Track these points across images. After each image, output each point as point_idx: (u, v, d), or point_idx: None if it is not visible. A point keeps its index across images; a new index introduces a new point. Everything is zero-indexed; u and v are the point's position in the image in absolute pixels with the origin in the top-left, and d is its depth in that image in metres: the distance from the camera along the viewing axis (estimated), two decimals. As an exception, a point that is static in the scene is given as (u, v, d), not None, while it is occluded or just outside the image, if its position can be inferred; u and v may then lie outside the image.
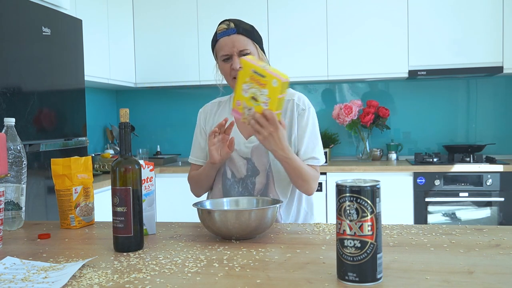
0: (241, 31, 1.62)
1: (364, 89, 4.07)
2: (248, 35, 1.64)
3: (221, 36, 1.63)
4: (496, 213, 3.31)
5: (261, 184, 1.64)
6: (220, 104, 1.78)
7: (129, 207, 1.17)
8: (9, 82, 2.21)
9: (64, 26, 2.63)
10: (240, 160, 1.66)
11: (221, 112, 1.75)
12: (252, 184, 1.65)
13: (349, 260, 0.88)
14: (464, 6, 3.55)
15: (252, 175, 1.65)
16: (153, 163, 1.39)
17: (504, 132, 3.89)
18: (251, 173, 1.65)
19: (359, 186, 0.87)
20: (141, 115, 4.34)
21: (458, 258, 1.03)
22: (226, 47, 1.62)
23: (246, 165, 1.65)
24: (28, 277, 0.94)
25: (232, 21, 1.64)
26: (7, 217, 1.43)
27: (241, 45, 1.61)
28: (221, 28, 1.64)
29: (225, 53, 1.63)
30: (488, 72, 3.57)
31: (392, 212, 2.72)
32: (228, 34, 1.62)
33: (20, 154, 1.46)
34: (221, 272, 0.98)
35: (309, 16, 3.73)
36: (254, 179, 1.65)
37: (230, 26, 1.63)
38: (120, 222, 1.17)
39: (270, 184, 1.65)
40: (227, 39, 1.62)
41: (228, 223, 1.22)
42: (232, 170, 1.67)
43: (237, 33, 1.62)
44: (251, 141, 1.65)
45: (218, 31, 1.65)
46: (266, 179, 1.64)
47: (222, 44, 1.63)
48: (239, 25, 1.63)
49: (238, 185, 1.66)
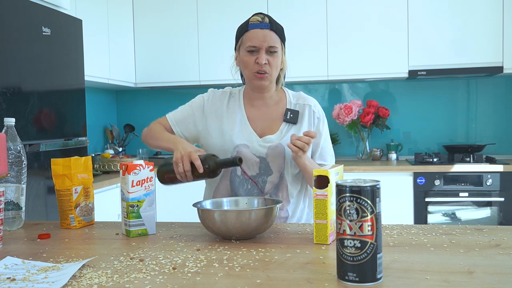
0: (274, 28, 1.60)
1: (364, 89, 4.07)
2: (280, 34, 1.62)
3: (254, 28, 1.59)
4: (496, 213, 3.31)
5: (272, 184, 1.64)
6: (231, 96, 1.75)
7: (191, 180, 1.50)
8: (9, 82, 2.21)
9: (64, 26, 2.63)
10: (253, 158, 1.63)
11: (231, 104, 1.72)
12: (264, 183, 1.64)
13: (349, 260, 0.88)
14: (464, 6, 3.55)
15: (265, 174, 1.64)
16: (153, 163, 1.39)
17: (504, 132, 3.89)
18: (263, 172, 1.64)
19: (359, 186, 0.87)
20: (141, 115, 4.34)
21: (458, 258, 1.03)
22: (256, 39, 1.58)
23: (259, 164, 1.63)
24: (28, 277, 0.94)
25: (266, 16, 1.61)
26: (7, 217, 1.43)
27: (272, 41, 1.58)
28: (254, 20, 1.60)
29: (253, 44, 1.58)
30: (488, 72, 3.57)
31: (392, 212, 2.72)
32: (262, 27, 1.58)
33: (20, 154, 1.46)
34: (221, 272, 0.98)
35: (309, 16, 3.73)
36: (266, 178, 1.64)
37: (264, 20, 1.60)
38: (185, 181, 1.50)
39: (282, 185, 1.65)
40: (259, 32, 1.58)
41: (228, 223, 1.22)
42: (243, 167, 1.64)
43: (270, 29, 1.59)
44: (266, 141, 1.64)
45: (251, 22, 1.61)
46: (279, 180, 1.64)
47: (252, 35, 1.59)
48: (273, 22, 1.61)
49: (248, 183, 1.65)
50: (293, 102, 1.71)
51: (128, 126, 4.22)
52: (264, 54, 1.58)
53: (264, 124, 1.69)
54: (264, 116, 1.70)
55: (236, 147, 1.64)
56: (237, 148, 1.64)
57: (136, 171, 1.33)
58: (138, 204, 1.33)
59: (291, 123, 1.67)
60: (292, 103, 1.71)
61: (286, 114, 1.67)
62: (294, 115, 1.68)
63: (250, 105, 1.72)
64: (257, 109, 1.71)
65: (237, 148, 1.64)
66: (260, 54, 1.58)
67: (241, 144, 1.64)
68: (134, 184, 1.32)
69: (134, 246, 1.22)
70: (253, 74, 1.61)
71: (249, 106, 1.72)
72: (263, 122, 1.69)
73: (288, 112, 1.67)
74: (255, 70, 1.60)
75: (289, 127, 1.67)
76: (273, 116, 1.69)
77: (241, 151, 1.63)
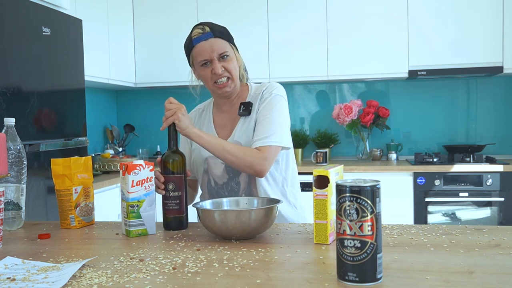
0: (218, 34, 1.58)
1: (364, 89, 4.07)
2: (225, 37, 1.60)
3: (198, 41, 1.57)
4: (496, 213, 3.31)
5: (245, 182, 1.64)
6: (202, 112, 1.78)
7: (182, 191, 1.40)
8: (9, 82, 2.21)
9: (64, 26, 2.63)
10: (218, 165, 1.65)
11: (204, 118, 1.76)
12: (237, 185, 1.64)
13: (349, 260, 0.88)
14: (464, 6, 3.55)
15: (234, 176, 1.64)
16: (153, 163, 1.39)
17: (504, 132, 3.89)
18: (232, 175, 1.64)
19: (359, 186, 0.87)
20: (141, 115, 4.34)
21: (458, 258, 1.03)
22: (204, 52, 1.57)
23: (225, 168, 1.64)
24: (28, 277, 0.94)
25: (206, 25, 1.59)
26: (7, 217, 1.43)
27: (220, 49, 1.57)
28: (196, 33, 1.58)
29: (204, 58, 1.58)
30: (488, 72, 3.57)
31: (392, 212, 2.72)
32: (205, 38, 1.57)
33: (20, 154, 1.46)
34: (221, 272, 0.98)
35: (309, 16, 3.73)
36: (238, 179, 1.64)
37: (205, 30, 1.58)
38: (176, 204, 1.39)
39: (251, 180, 1.63)
40: (205, 44, 1.57)
41: (228, 223, 1.22)
42: (213, 177, 1.66)
43: (214, 37, 1.57)
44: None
45: (193, 36, 1.59)
46: (248, 177, 1.63)
47: (200, 49, 1.58)
48: (214, 28, 1.59)
49: (223, 190, 1.65)
50: (251, 94, 1.69)
51: (128, 126, 4.22)
52: (217, 63, 1.57)
53: (224, 123, 1.70)
54: (230, 118, 1.70)
55: (206, 160, 1.67)
56: (206, 161, 1.67)
57: (136, 171, 1.33)
58: (138, 204, 1.33)
59: (245, 115, 1.65)
60: (251, 95, 1.69)
61: (239, 108, 1.66)
62: (246, 106, 1.65)
63: (220, 112, 1.73)
64: (226, 114, 1.71)
65: (206, 161, 1.67)
66: (214, 65, 1.58)
67: (209, 156, 1.65)
68: (134, 184, 1.32)
69: (134, 246, 1.22)
70: (214, 86, 1.62)
71: (219, 113, 1.73)
72: (224, 121, 1.70)
73: (241, 105, 1.66)
74: (214, 80, 1.60)
75: (244, 120, 1.65)
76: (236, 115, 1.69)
77: (209, 162, 1.66)
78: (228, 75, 1.60)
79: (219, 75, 1.59)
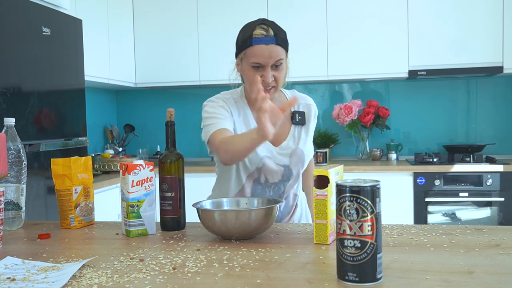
0: (279, 42, 1.51)
1: (364, 89, 4.07)
2: (284, 45, 1.54)
3: (258, 43, 1.49)
4: (496, 213, 3.31)
5: (291, 186, 1.67)
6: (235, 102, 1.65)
7: (176, 192, 1.39)
8: (9, 82, 2.21)
9: (64, 26, 2.63)
10: (276, 167, 1.62)
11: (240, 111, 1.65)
12: (284, 187, 1.66)
13: (349, 260, 0.88)
14: (464, 6, 3.55)
15: (286, 180, 1.65)
16: (153, 163, 1.39)
17: (504, 132, 3.89)
18: (285, 178, 1.65)
19: (359, 186, 0.87)
20: (141, 115, 4.34)
21: (458, 258, 1.03)
22: (261, 57, 1.50)
23: (282, 172, 1.63)
24: (28, 277, 0.94)
25: (270, 27, 1.52)
26: (7, 217, 1.43)
27: (277, 56, 1.51)
28: (258, 33, 1.50)
29: (258, 61, 1.51)
30: (488, 72, 3.57)
31: (392, 212, 2.72)
32: (267, 42, 1.49)
33: (20, 154, 1.46)
34: (221, 272, 0.98)
35: (309, 16, 3.73)
36: (287, 183, 1.66)
37: (269, 34, 1.50)
38: (169, 205, 1.38)
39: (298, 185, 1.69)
40: (265, 48, 1.50)
41: (228, 223, 1.22)
42: (267, 176, 1.63)
43: (275, 44, 1.50)
44: (282, 148, 1.63)
45: (255, 35, 1.50)
46: (297, 182, 1.67)
47: (257, 51, 1.50)
48: (278, 33, 1.52)
49: (269, 190, 1.65)
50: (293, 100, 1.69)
51: (128, 126, 4.22)
52: (269, 71, 1.52)
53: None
54: None
55: (262, 159, 1.61)
56: (262, 160, 1.61)
57: (136, 171, 1.33)
58: (138, 204, 1.33)
59: (300, 125, 1.67)
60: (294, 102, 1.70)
61: (294, 117, 1.67)
62: (302, 116, 1.68)
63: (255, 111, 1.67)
64: None
65: (263, 160, 1.61)
66: (266, 72, 1.52)
67: (264, 156, 1.60)
68: (134, 184, 1.32)
69: (134, 246, 1.22)
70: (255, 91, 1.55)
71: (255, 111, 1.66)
72: None
73: (296, 114, 1.67)
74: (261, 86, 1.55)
75: (299, 129, 1.68)
76: None
77: (266, 162, 1.61)
78: (274, 85, 1.56)
79: (267, 84, 1.54)
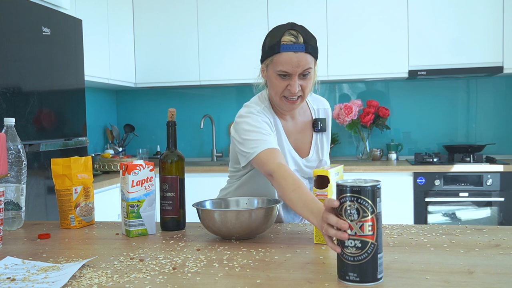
0: (309, 50, 1.43)
1: (364, 89, 4.07)
2: (314, 53, 1.46)
3: (287, 50, 1.41)
4: (496, 213, 3.31)
5: None
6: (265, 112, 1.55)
7: (177, 192, 1.38)
8: (9, 82, 2.21)
9: (64, 26, 2.63)
10: (303, 180, 1.59)
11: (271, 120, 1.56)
12: None
13: (349, 260, 0.88)
14: (464, 6, 3.55)
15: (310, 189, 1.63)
16: (153, 163, 1.39)
17: (504, 132, 3.89)
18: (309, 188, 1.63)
19: (359, 186, 0.87)
20: (141, 115, 4.34)
21: (458, 258, 1.03)
22: (289, 65, 1.42)
23: (308, 185, 1.61)
24: (28, 277, 0.94)
25: (300, 33, 1.42)
26: (7, 217, 1.43)
27: (305, 64, 1.43)
28: (287, 40, 1.42)
29: (286, 70, 1.43)
30: (488, 72, 3.57)
31: (392, 212, 2.72)
32: (296, 50, 1.41)
33: (20, 154, 1.46)
34: (221, 272, 0.97)
35: (309, 16, 3.72)
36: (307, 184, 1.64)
37: (299, 41, 1.41)
38: (169, 205, 1.38)
39: None
40: (293, 56, 1.41)
41: (228, 223, 1.22)
42: None
43: (305, 51, 1.42)
44: (309, 160, 1.62)
45: (284, 42, 1.42)
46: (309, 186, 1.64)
47: (285, 60, 1.42)
48: (308, 40, 1.43)
49: None
50: (314, 108, 1.68)
51: (128, 126, 4.22)
52: (296, 80, 1.44)
53: (296, 137, 1.62)
54: (295, 128, 1.63)
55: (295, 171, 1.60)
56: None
57: (136, 171, 1.33)
58: (138, 204, 1.33)
59: (321, 132, 1.65)
60: (314, 109, 1.68)
61: (316, 125, 1.64)
62: (323, 123, 1.65)
63: (283, 119, 1.60)
64: (288, 122, 1.61)
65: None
66: (293, 81, 1.44)
67: (294, 170, 1.56)
68: (134, 184, 1.32)
69: (134, 246, 1.22)
70: (282, 99, 1.49)
71: (283, 121, 1.60)
72: (295, 135, 1.62)
73: (318, 122, 1.64)
74: (286, 95, 1.48)
75: (320, 137, 1.66)
76: (302, 127, 1.64)
77: None
78: (301, 94, 1.49)
79: (293, 94, 1.47)
